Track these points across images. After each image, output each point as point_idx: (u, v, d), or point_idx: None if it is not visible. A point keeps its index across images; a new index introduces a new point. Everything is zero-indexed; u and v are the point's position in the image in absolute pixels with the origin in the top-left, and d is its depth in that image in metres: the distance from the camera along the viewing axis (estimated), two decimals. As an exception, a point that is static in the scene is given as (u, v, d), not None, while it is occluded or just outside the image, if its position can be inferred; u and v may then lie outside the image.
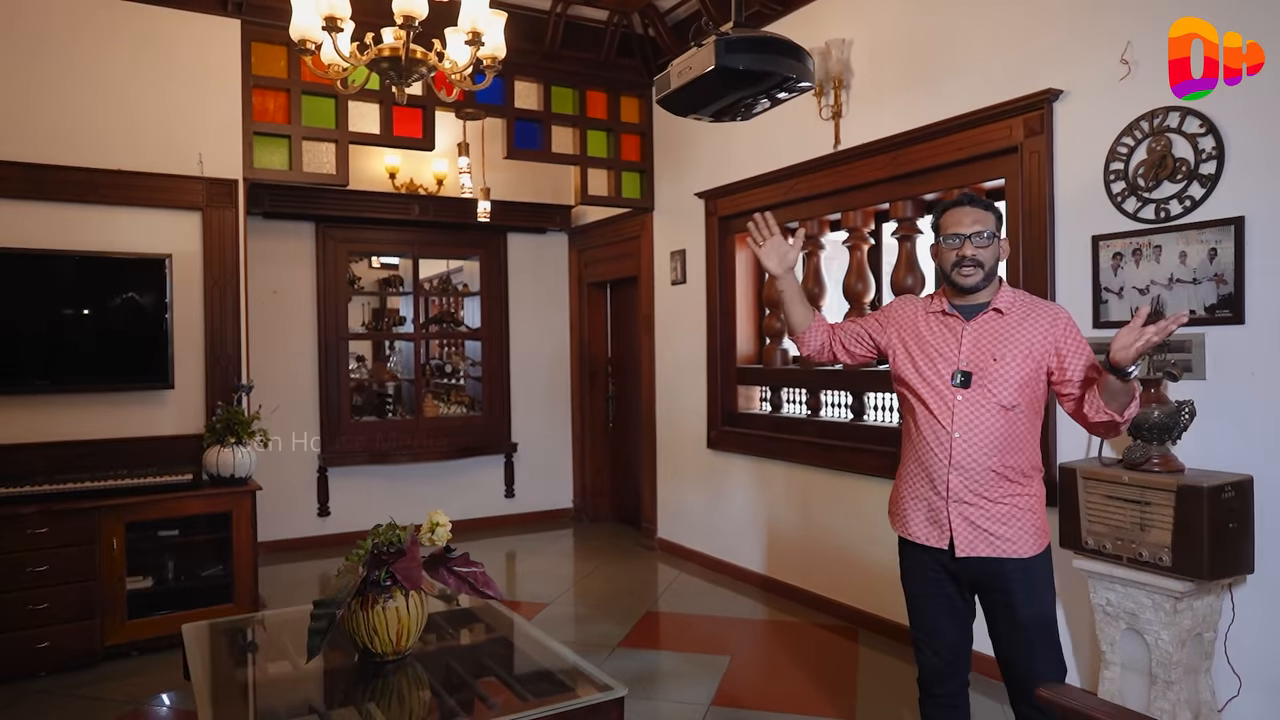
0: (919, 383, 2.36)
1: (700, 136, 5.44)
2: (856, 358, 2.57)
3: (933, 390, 2.32)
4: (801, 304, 2.57)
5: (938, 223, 2.38)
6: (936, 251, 2.39)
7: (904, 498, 2.43)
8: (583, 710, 2.08)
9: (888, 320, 2.50)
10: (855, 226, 4.49)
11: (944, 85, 3.87)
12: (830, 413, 4.79)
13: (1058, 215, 3.41)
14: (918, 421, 2.36)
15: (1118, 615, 2.88)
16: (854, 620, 4.41)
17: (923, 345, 2.38)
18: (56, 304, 4.18)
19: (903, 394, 2.44)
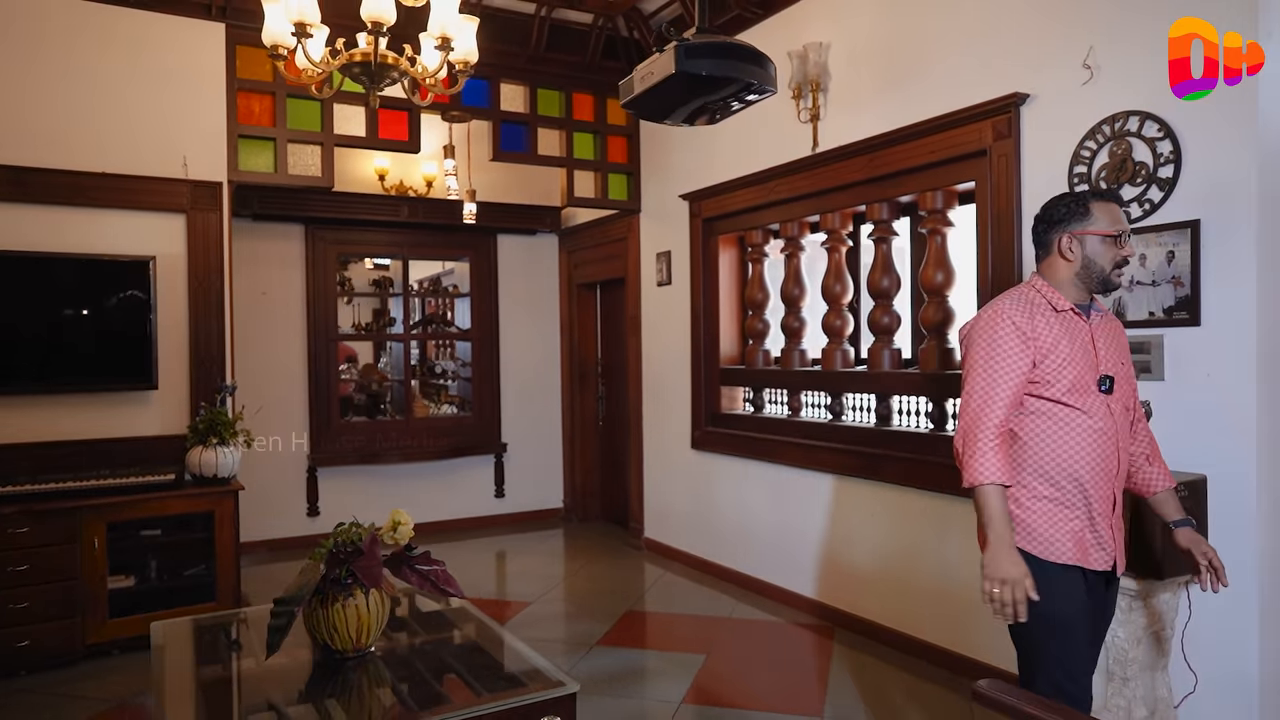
0: (1068, 391, 2.13)
1: (684, 139, 5.48)
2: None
3: (1084, 398, 2.14)
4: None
5: (1089, 213, 2.17)
6: (1089, 246, 2.17)
7: (1047, 519, 2.15)
8: (532, 706, 2.12)
9: (1025, 340, 2.13)
10: (833, 228, 4.52)
11: (917, 88, 3.90)
12: (810, 413, 4.83)
13: (1025, 218, 3.44)
14: (1066, 432, 2.13)
15: (1077, 614, 2.91)
16: (832, 619, 4.44)
17: (1060, 350, 2.14)
18: (40, 305, 4.24)
19: (1044, 405, 2.16)
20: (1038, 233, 2.29)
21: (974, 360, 2.18)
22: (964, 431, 2.13)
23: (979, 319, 2.23)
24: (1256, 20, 2.73)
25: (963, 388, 2.20)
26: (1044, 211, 2.28)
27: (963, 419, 2.15)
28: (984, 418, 2.10)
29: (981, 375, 2.14)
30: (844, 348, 4.53)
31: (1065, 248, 2.19)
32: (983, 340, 2.17)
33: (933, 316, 3.93)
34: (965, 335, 2.26)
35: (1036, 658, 2.19)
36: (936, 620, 3.87)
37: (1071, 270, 2.20)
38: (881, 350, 4.23)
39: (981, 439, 2.08)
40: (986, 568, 2.07)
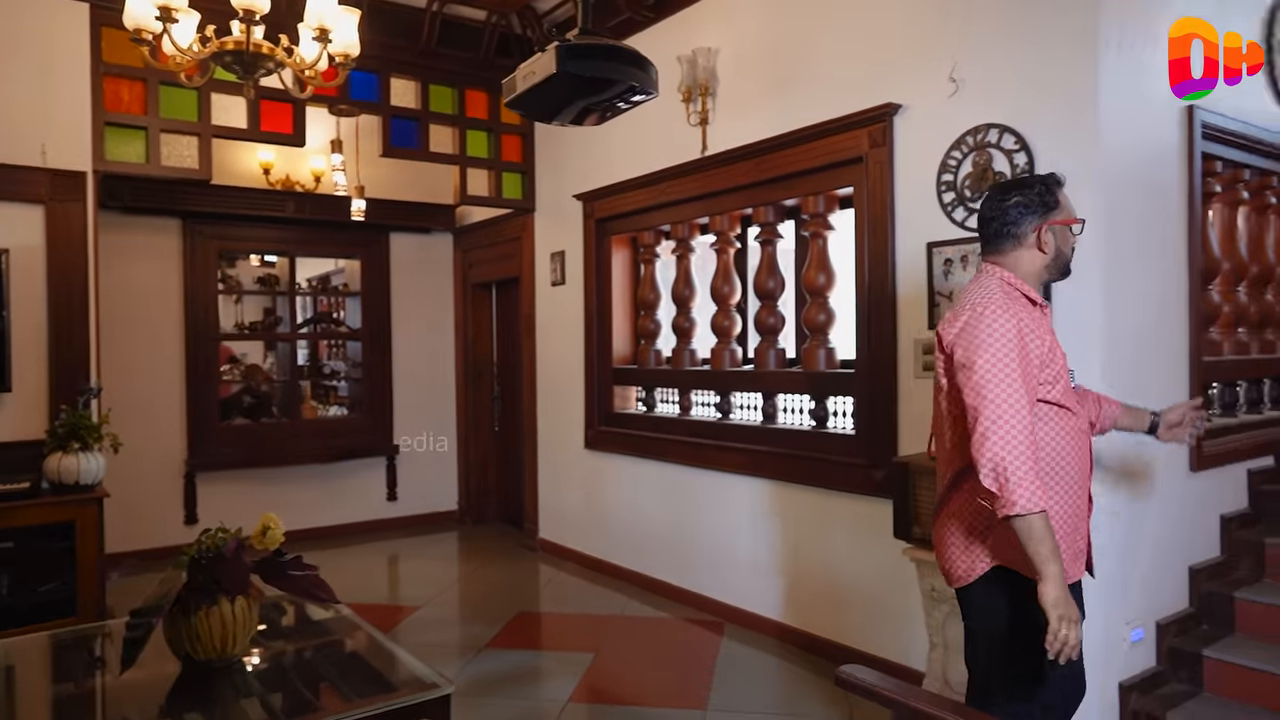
0: (1065, 393, 2.05)
1: (578, 139, 5.48)
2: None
3: (1071, 397, 2.07)
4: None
5: (1058, 202, 2.11)
6: (1058, 236, 2.12)
7: (1064, 534, 2.00)
8: (404, 710, 2.08)
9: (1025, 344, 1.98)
10: (722, 230, 4.62)
11: (801, 95, 4.02)
12: (700, 412, 4.91)
13: (898, 222, 3.59)
14: (1064, 436, 2.05)
15: (942, 600, 3.06)
16: (722, 614, 4.53)
17: (1056, 348, 2.07)
18: (-125, 301, 3.90)
19: (1045, 410, 2.03)
20: (999, 225, 2.12)
21: (986, 368, 1.92)
22: (999, 455, 1.86)
23: (980, 320, 1.97)
24: (1098, 32, 2.92)
25: (969, 399, 1.93)
26: (1004, 201, 2.12)
27: (991, 439, 1.87)
28: (1017, 436, 1.86)
29: (1002, 386, 1.90)
30: (732, 347, 4.63)
31: (1043, 239, 2.09)
32: (992, 344, 1.93)
33: (815, 317, 4.06)
34: (960, 339, 2.00)
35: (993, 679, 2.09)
36: (819, 612, 4.00)
37: (1043, 261, 2.11)
38: (767, 350, 4.34)
39: (1023, 461, 1.85)
40: (1059, 607, 1.82)
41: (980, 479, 1.89)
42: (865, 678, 1.95)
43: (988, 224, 2.16)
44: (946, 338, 2.07)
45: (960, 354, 2.00)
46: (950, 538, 2.16)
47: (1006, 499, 1.85)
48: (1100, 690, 2.97)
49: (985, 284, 2.10)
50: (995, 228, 2.14)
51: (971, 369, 1.95)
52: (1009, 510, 1.85)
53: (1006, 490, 1.85)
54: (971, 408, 1.94)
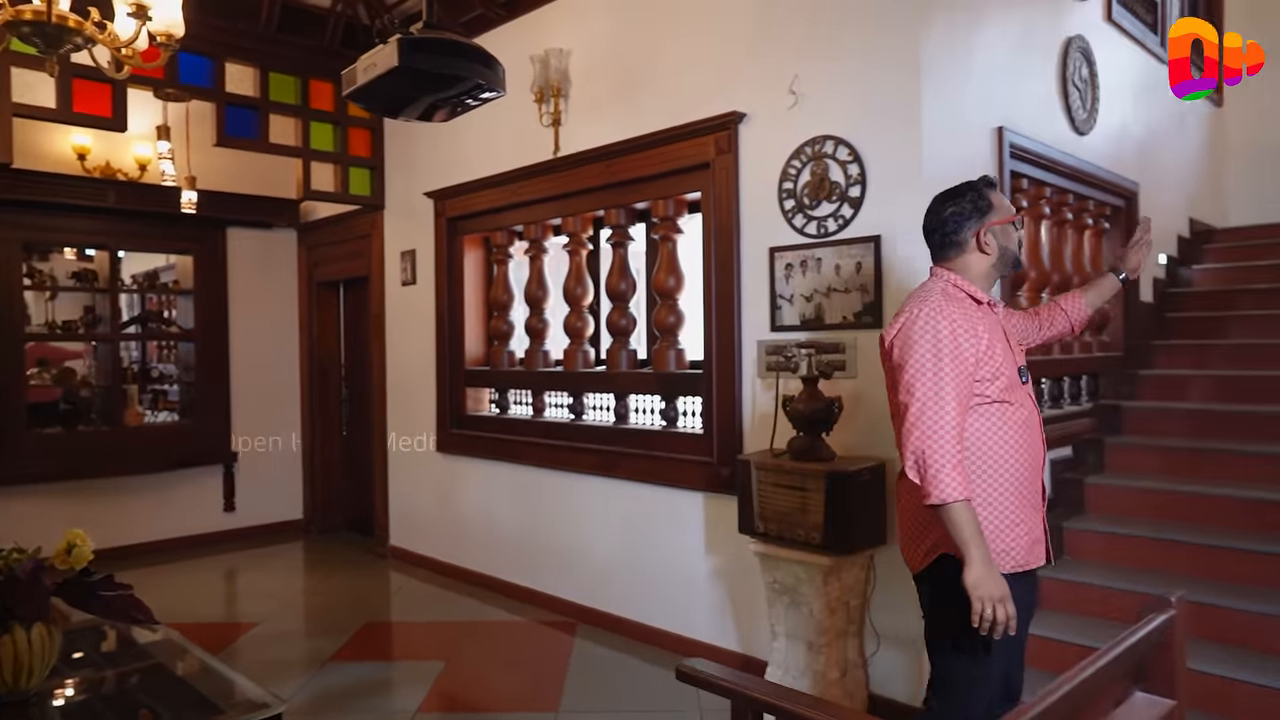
0: (1006, 388, 2.10)
1: (430, 136, 5.35)
2: None
3: (1015, 391, 2.12)
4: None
5: (991, 205, 2.17)
6: (999, 235, 2.17)
7: (997, 525, 2.08)
8: (229, 732, 1.97)
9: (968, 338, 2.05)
10: (574, 232, 4.63)
11: (651, 101, 4.08)
12: (553, 413, 4.90)
13: (743, 228, 3.72)
14: (1004, 430, 2.10)
15: (783, 591, 3.19)
16: (575, 615, 4.53)
17: (996, 346, 2.10)
18: None
19: (983, 406, 2.09)
20: (940, 236, 2.21)
21: (916, 366, 2.01)
22: (920, 447, 1.96)
23: (915, 321, 2.06)
24: (919, 61, 3.13)
25: (901, 396, 2.03)
26: (941, 212, 2.21)
27: (915, 432, 1.97)
28: (940, 429, 1.95)
29: (929, 382, 1.99)
30: (585, 348, 4.65)
31: (984, 242, 2.16)
32: (923, 343, 2.02)
33: (665, 319, 4.14)
34: (898, 339, 2.09)
35: (978, 670, 2.12)
36: (670, 608, 4.07)
37: (988, 262, 2.18)
38: (619, 351, 4.39)
39: (943, 453, 1.94)
40: (978, 587, 1.91)
41: (905, 469, 2.01)
42: (704, 670, 2.02)
43: (931, 235, 2.26)
44: (887, 339, 2.15)
45: (896, 354, 2.09)
46: (903, 528, 2.29)
47: (926, 489, 1.95)
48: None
49: (928, 286, 2.19)
50: (938, 239, 2.23)
51: (904, 368, 2.05)
52: (929, 500, 1.95)
53: (926, 480, 1.95)
54: (901, 404, 2.04)
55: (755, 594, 3.54)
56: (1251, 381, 4.30)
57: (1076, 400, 4.49)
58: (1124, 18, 4.79)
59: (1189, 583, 3.40)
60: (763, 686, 1.90)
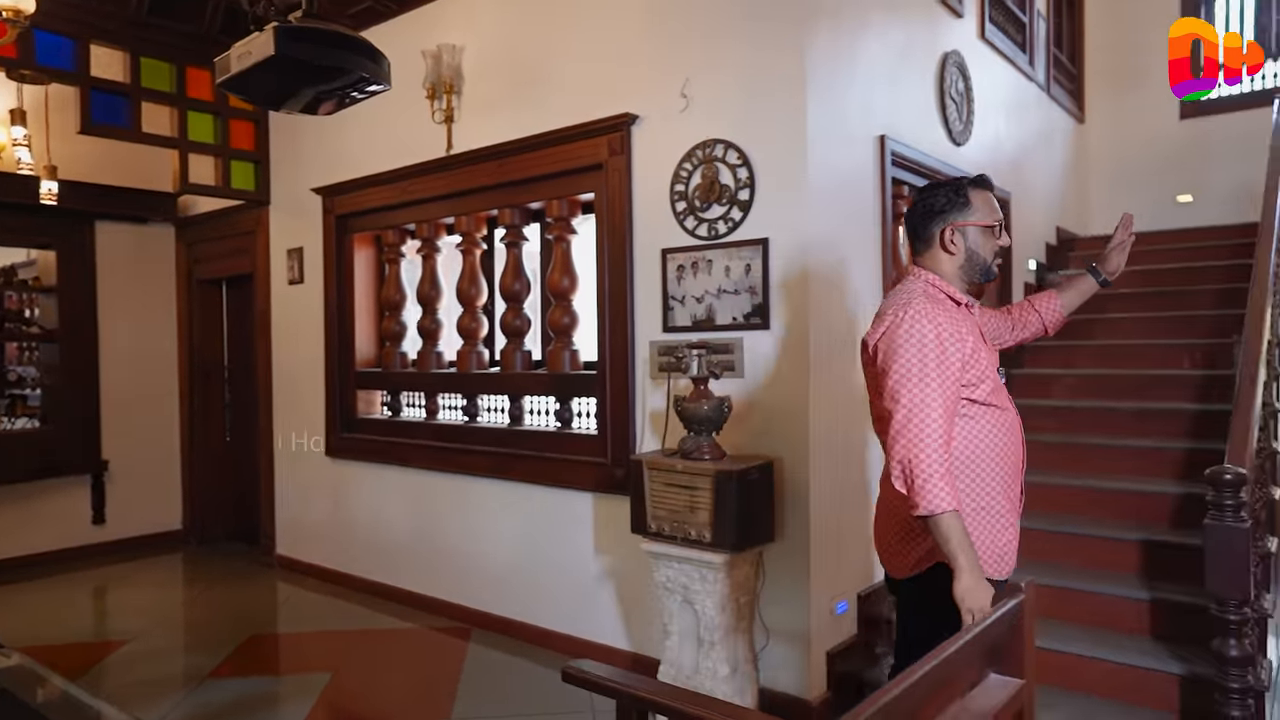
0: (992, 391, 2.04)
1: (318, 129, 5.17)
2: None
3: (1001, 394, 2.07)
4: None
5: (970, 203, 2.08)
6: (970, 237, 2.08)
7: (987, 533, 2.03)
8: (80, 759, 1.84)
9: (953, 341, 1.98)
10: (468, 231, 4.55)
11: (544, 100, 4.06)
12: (447, 416, 4.81)
13: (636, 229, 3.74)
14: (993, 434, 2.05)
15: (674, 589, 3.22)
16: (470, 621, 4.46)
17: (980, 348, 2.05)
18: None
19: (971, 409, 2.04)
20: (914, 225, 2.15)
21: (901, 371, 1.94)
22: (907, 456, 1.89)
23: (900, 324, 1.98)
24: (804, 70, 3.22)
25: (886, 402, 1.96)
26: (920, 202, 2.14)
27: (901, 440, 1.91)
28: (927, 437, 1.88)
29: (915, 388, 1.92)
30: (479, 349, 4.58)
31: (948, 240, 2.08)
32: (908, 347, 1.95)
33: (559, 320, 4.12)
34: (882, 343, 2.01)
35: None
36: (566, 610, 4.06)
37: (955, 264, 2.10)
38: (513, 352, 4.34)
39: (930, 462, 1.87)
40: (967, 599, 1.86)
41: (892, 480, 1.93)
42: (589, 671, 2.02)
43: (907, 225, 2.19)
44: (871, 342, 2.07)
45: (880, 358, 2.01)
46: (885, 533, 2.20)
47: (914, 499, 1.88)
48: (812, 659, 3.28)
49: (908, 287, 2.10)
50: (910, 231, 2.17)
51: (888, 373, 1.97)
52: (917, 510, 1.88)
53: (914, 490, 1.88)
54: (886, 410, 1.96)
55: (648, 593, 3.56)
56: (1114, 380, 4.61)
57: (955, 398, 4.71)
58: (996, 36, 5.06)
59: (1056, 568, 3.62)
60: (647, 685, 1.91)
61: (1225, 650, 2.40)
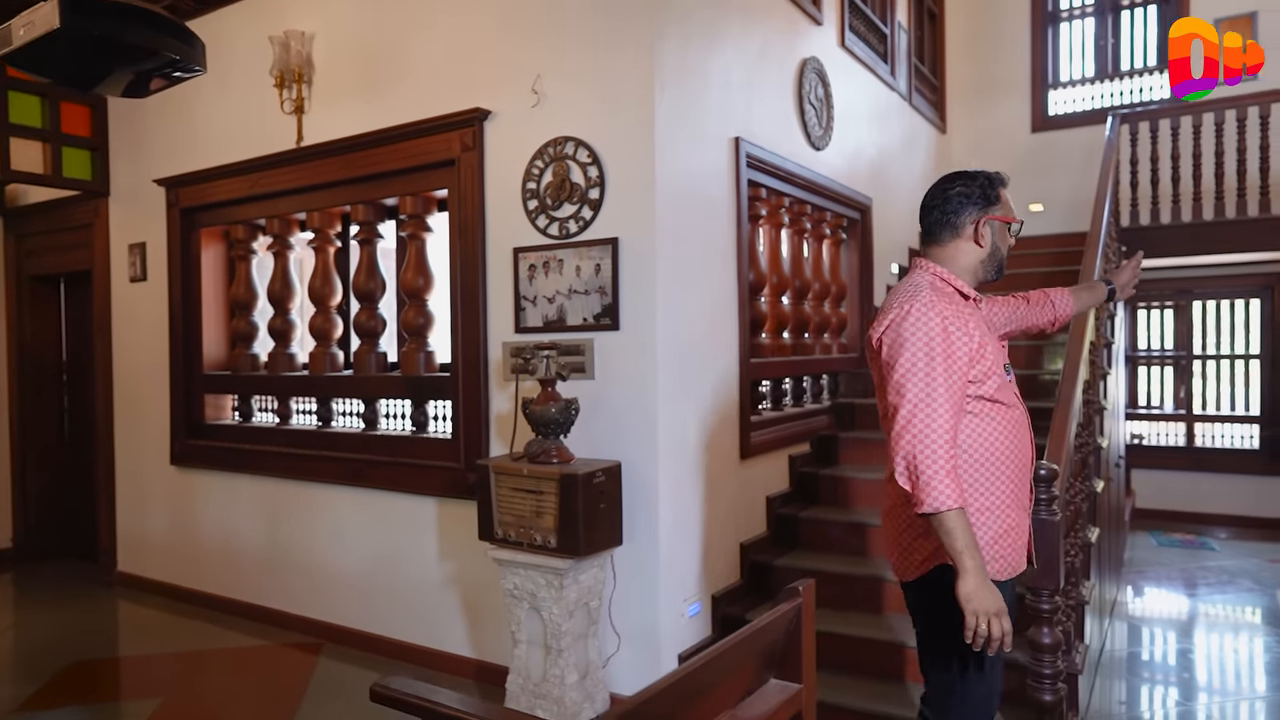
0: (999, 387, 2.00)
1: (161, 117, 4.87)
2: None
3: (1008, 391, 2.03)
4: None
5: (999, 198, 2.06)
6: (996, 232, 2.06)
7: (994, 533, 1.99)
8: None
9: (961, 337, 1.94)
10: (321, 227, 4.35)
11: (397, 92, 3.91)
12: (300, 420, 4.58)
13: (489, 227, 3.64)
14: (1001, 431, 2.00)
15: (522, 597, 3.14)
16: (323, 635, 4.25)
17: (987, 343, 2.00)
18: None
19: (979, 406, 2.00)
20: (939, 214, 2.07)
21: (907, 366, 1.89)
22: (911, 452, 1.84)
23: (906, 317, 1.92)
24: (653, 72, 3.20)
25: (891, 397, 1.91)
26: (948, 189, 2.07)
27: (905, 436, 1.86)
28: (933, 434, 1.83)
29: (921, 383, 1.87)
30: (333, 351, 4.38)
31: (980, 233, 2.04)
32: (915, 341, 1.89)
33: (414, 320, 3.98)
34: (887, 337, 1.96)
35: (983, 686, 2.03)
36: (418, 621, 3.91)
37: (978, 256, 2.06)
38: (367, 354, 4.17)
39: (936, 459, 1.82)
40: (972, 601, 1.80)
41: (895, 475, 1.88)
42: (395, 689, 1.92)
43: (929, 212, 2.10)
44: (875, 336, 2.01)
45: (885, 352, 1.96)
46: (891, 535, 2.13)
47: (918, 497, 1.83)
48: (663, 662, 3.26)
49: (915, 281, 2.03)
50: (936, 216, 2.08)
51: (893, 367, 1.92)
52: (922, 508, 1.83)
53: (918, 488, 1.83)
54: (892, 405, 1.91)
55: (499, 601, 3.47)
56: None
57: (818, 399, 4.80)
58: (856, 45, 5.19)
59: (901, 564, 3.71)
60: (456, 701, 1.82)
61: (1039, 638, 2.49)
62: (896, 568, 2.13)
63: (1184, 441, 7.00)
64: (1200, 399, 7.05)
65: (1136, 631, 4.48)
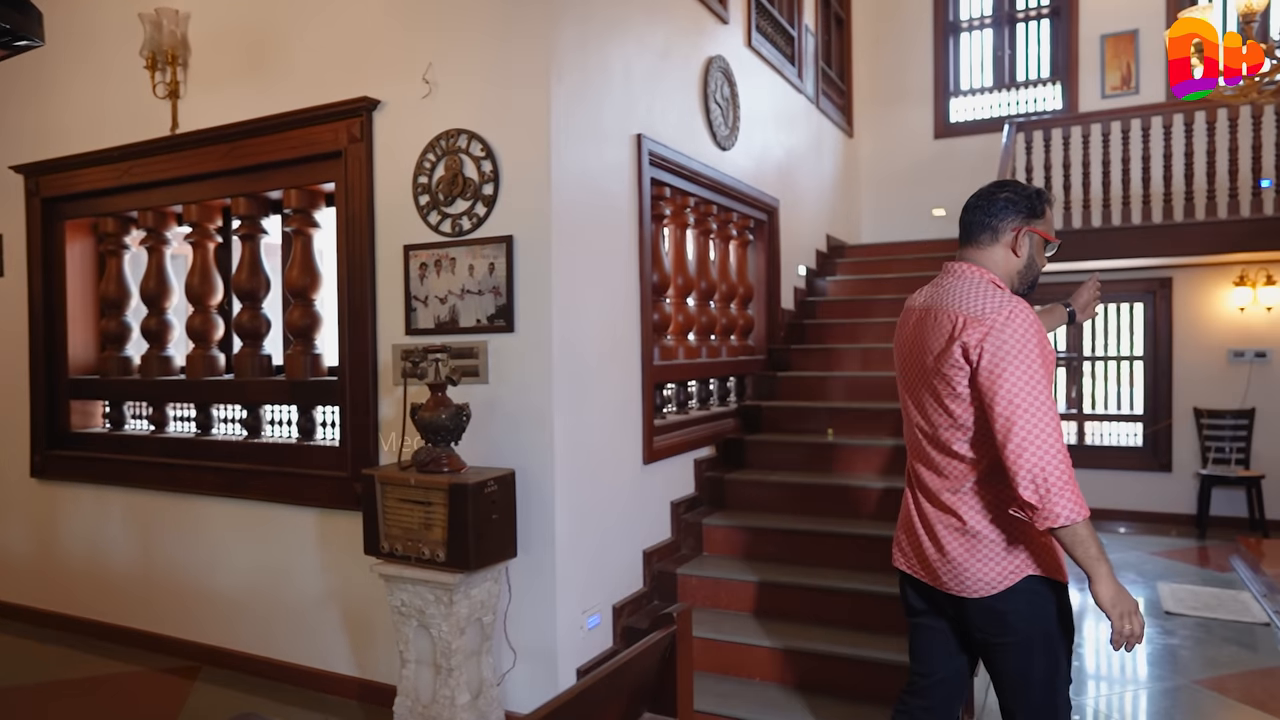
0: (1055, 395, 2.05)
1: (18, 96, 4.48)
2: None
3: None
4: None
5: (1041, 211, 2.05)
6: (1034, 245, 2.06)
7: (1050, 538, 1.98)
8: None
9: (1045, 349, 1.92)
10: (199, 221, 4.06)
11: (279, 78, 3.68)
12: (177, 428, 4.28)
13: (378, 223, 3.45)
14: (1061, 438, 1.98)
15: (409, 614, 2.97)
16: (200, 658, 3.97)
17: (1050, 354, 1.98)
18: None
19: None
20: (980, 216, 2.06)
21: (1020, 378, 1.83)
22: (1039, 466, 1.79)
23: (1009, 325, 1.86)
24: (549, 65, 3.08)
25: (1000, 409, 1.83)
26: (996, 194, 2.07)
27: (1030, 449, 1.80)
28: (1054, 446, 1.81)
29: (1036, 396, 1.83)
30: (212, 354, 4.10)
31: (1019, 242, 2.04)
32: (1026, 351, 1.85)
33: (299, 321, 3.75)
34: (987, 345, 1.87)
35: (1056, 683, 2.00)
36: (303, 640, 3.69)
37: (1014, 266, 2.05)
38: (250, 357, 3.91)
39: (1064, 471, 1.80)
40: (1117, 604, 1.83)
41: (1020, 491, 1.81)
42: (251, 724, 1.75)
43: (971, 212, 2.08)
44: (970, 343, 1.89)
45: (986, 363, 1.87)
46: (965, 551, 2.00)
47: (1050, 510, 1.78)
48: (561, 677, 3.13)
49: (991, 291, 1.95)
50: (978, 217, 2.06)
51: (1000, 377, 1.84)
52: (1053, 522, 1.79)
53: (1049, 502, 1.78)
54: (1003, 418, 1.83)
55: (389, 619, 3.28)
56: (877, 382, 4.77)
57: (724, 401, 4.75)
58: (764, 46, 5.18)
59: (810, 570, 3.69)
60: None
61: (935, 644, 2.47)
62: (959, 586, 2.01)
63: (1076, 440, 7.27)
64: (1090, 398, 7.33)
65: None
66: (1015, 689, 2.01)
